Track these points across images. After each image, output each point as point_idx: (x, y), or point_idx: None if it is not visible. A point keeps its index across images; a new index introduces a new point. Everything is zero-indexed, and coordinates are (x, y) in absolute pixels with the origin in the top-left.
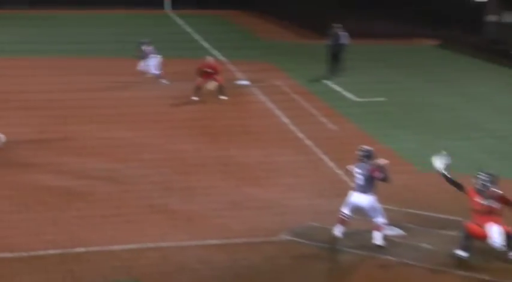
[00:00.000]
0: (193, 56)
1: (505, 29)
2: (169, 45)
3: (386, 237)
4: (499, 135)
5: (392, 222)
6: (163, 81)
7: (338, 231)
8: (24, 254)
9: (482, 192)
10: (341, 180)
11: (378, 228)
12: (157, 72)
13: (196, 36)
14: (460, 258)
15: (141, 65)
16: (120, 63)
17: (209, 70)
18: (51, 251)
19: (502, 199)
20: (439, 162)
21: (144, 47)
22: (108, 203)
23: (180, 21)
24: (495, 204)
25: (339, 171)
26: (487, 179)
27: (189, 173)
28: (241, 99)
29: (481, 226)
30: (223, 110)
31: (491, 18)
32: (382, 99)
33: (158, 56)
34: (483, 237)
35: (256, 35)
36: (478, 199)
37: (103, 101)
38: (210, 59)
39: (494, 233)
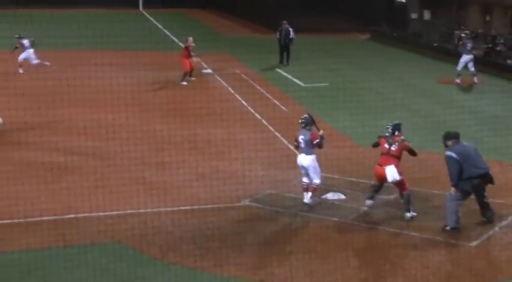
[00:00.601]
0: (163, 48)
1: (426, 25)
2: (142, 39)
3: (324, 200)
4: (423, 115)
5: (335, 189)
6: (21, 70)
7: (306, 199)
8: (22, 220)
9: (387, 138)
10: (293, 154)
11: (312, 189)
12: (21, 60)
13: (166, 32)
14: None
15: (22, 56)
16: (101, 55)
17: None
18: (45, 218)
19: (403, 146)
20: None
21: (23, 41)
22: (93, 175)
23: (151, 19)
24: (394, 148)
25: (291, 147)
26: (389, 127)
27: (162, 149)
28: (206, 85)
29: (382, 165)
30: (190, 95)
31: (413, 15)
32: (324, 84)
33: (31, 49)
34: (383, 175)
35: (217, 30)
36: (385, 144)
37: (86, 88)
38: (191, 39)
39: (388, 171)
